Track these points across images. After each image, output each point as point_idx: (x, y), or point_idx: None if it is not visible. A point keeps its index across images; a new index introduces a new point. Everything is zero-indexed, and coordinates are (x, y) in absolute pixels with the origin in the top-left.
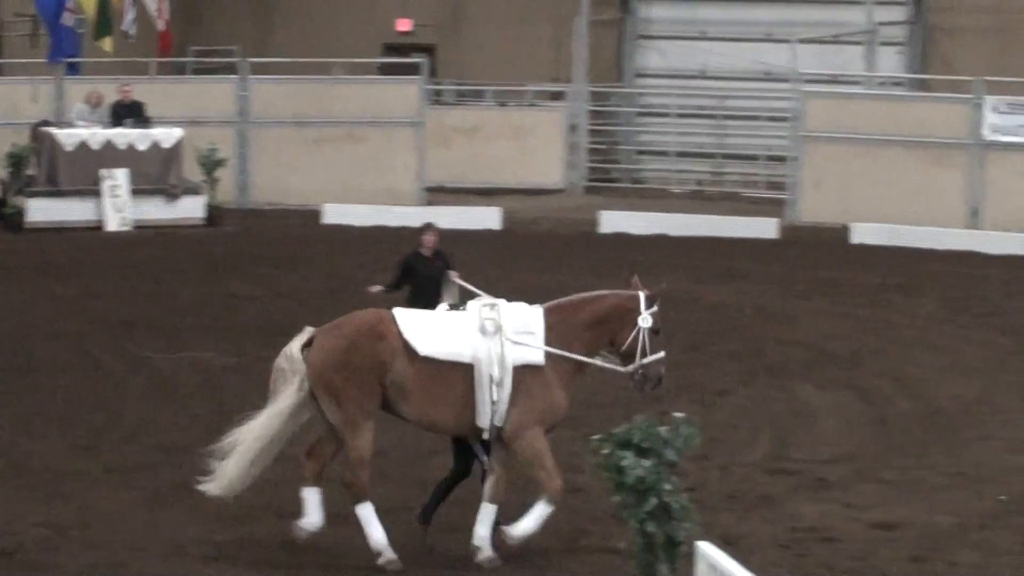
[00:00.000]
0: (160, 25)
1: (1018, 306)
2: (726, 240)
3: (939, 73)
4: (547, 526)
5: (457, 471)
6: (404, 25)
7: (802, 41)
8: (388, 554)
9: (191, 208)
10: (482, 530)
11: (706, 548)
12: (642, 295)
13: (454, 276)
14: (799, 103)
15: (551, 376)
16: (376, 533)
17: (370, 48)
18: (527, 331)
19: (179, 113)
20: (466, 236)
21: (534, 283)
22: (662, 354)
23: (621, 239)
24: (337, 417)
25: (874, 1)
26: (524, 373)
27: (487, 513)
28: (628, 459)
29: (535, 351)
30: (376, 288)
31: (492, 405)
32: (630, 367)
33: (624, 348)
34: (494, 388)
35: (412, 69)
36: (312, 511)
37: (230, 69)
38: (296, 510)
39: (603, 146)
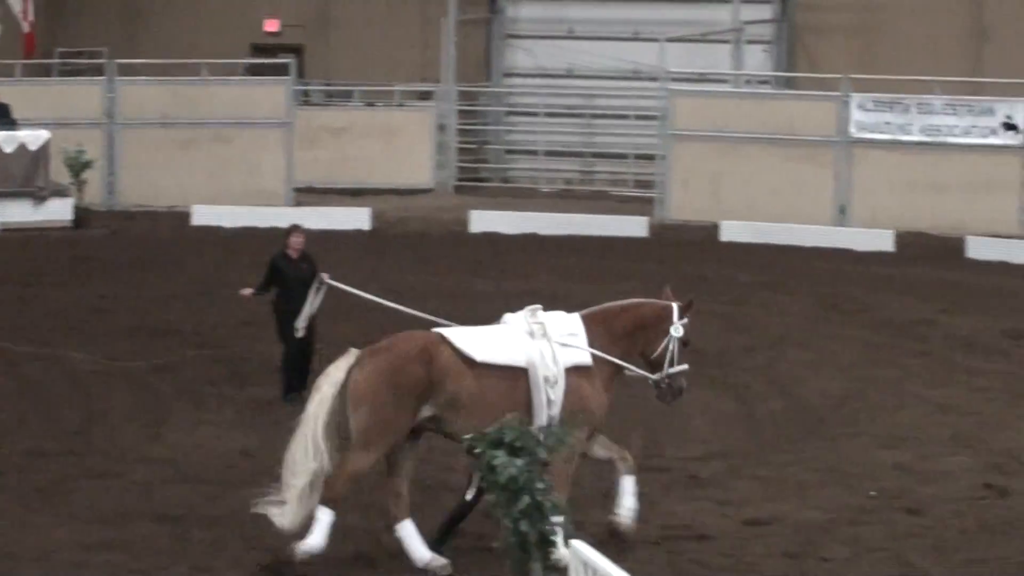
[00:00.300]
0: (25, 27)
1: (886, 302)
2: (596, 239)
3: (805, 71)
4: (421, 525)
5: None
6: (272, 26)
7: (669, 40)
8: (305, 550)
9: (59, 210)
10: (629, 501)
11: (579, 546)
12: (675, 306)
13: (326, 277)
14: (667, 101)
15: (597, 379)
16: (318, 541)
17: (238, 49)
18: (571, 334)
19: (46, 115)
20: (335, 236)
21: (405, 283)
22: (686, 366)
23: (491, 238)
24: (360, 429)
25: (741, 0)
26: (573, 375)
27: (629, 484)
28: (501, 458)
29: (583, 352)
30: (248, 291)
31: (548, 406)
32: (657, 375)
33: (654, 356)
34: (549, 389)
35: (280, 70)
36: (416, 545)
37: (97, 70)
38: (170, 511)
39: (472, 146)
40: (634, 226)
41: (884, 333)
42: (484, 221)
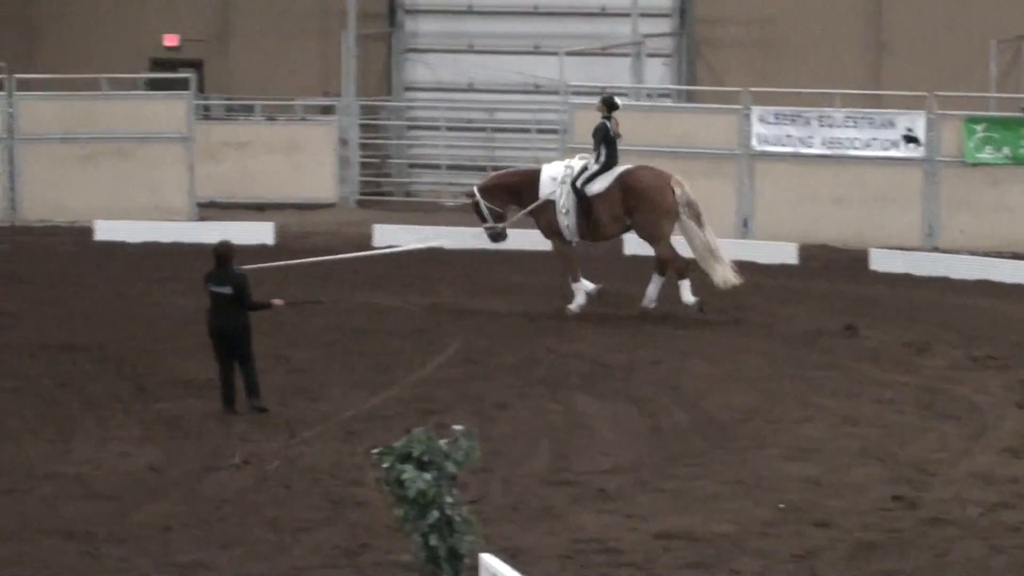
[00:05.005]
0: None
1: (790, 314)
2: (500, 253)
3: (705, 84)
4: (327, 540)
5: None
6: (171, 40)
7: (569, 53)
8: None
9: None
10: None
11: (489, 560)
12: None
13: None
14: (568, 115)
15: None
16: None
17: (137, 63)
18: None
19: None
20: (240, 252)
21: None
22: None
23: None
24: None
25: (640, 14)
26: None
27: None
28: (409, 472)
29: None
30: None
31: None
32: None
33: None
34: None
35: (180, 84)
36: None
37: None
38: (77, 527)
39: (374, 160)
40: (542, 239)
41: (790, 346)
42: (388, 235)
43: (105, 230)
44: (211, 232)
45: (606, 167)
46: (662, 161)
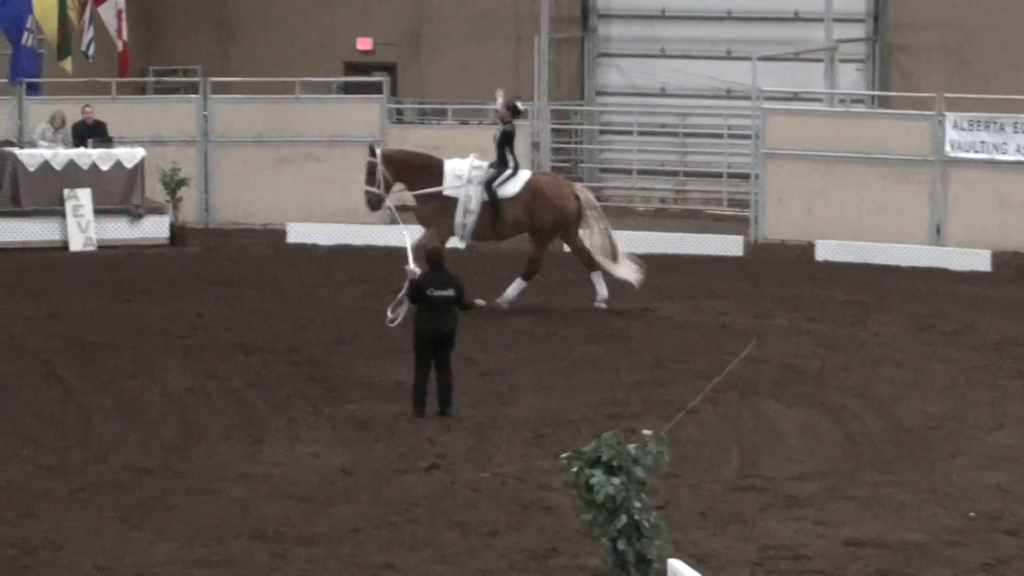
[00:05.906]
0: (119, 45)
1: (983, 322)
2: (691, 258)
3: (898, 90)
4: (516, 544)
5: None
6: (364, 44)
7: (762, 59)
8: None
9: (155, 228)
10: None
11: (678, 566)
12: None
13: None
14: (760, 120)
15: None
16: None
17: (331, 67)
18: None
19: (141, 133)
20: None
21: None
22: None
23: None
24: None
25: (833, 19)
26: None
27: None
28: (598, 477)
29: None
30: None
31: None
32: None
33: None
34: None
35: (373, 88)
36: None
37: (191, 88)
38: (269, 528)
39: (566, 164)
40: (729, 245)
41: (982, 353)
42: None
43: (297, 232)
44: (404, 236)
45: (515, 172)
46: (856, 167)
